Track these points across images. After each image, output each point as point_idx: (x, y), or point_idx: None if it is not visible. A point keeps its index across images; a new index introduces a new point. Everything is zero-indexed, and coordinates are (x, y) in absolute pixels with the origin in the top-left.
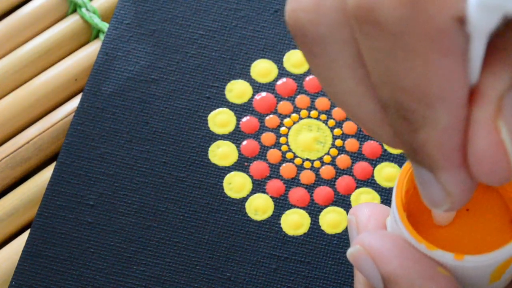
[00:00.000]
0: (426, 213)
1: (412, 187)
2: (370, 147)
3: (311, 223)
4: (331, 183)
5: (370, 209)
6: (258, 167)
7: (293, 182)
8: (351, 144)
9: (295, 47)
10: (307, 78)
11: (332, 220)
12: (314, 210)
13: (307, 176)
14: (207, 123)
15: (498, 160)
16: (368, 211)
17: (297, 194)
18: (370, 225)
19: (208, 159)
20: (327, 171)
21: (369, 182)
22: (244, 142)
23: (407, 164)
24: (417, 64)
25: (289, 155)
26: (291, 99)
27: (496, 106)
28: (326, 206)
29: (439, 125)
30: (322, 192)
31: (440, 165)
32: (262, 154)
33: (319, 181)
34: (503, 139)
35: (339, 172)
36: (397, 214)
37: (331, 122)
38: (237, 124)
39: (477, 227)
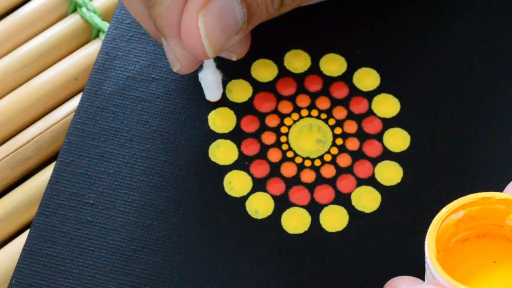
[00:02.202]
0: (457, 271)
1: (441, 249)
2: (371, 145)
3: (311, 222)
4: (331, 181)
5: (406, 281)
6: (259, 166)
7: (293, 180)
8: (352, 142)
9: (295, 47)
10: (308, 77)
11: (332, 218)
12: (314, 208)
13: (307, 175)
14: (207, 122)
15: (194, 39)
16: (405, 283)
17: (297, 192)
18: None
19: (208, 158)
20: (327, 170)
21: (370, 180)
22: (245, 141)
23: (433, 223)
24: None
25: (289, 154)
26: (292, 98)
27: (201, 3)
28: (326, 205)
29: (164, 4)
30: (323, 191)
31: (166, 34)
32: (262, 153)
33: (320, 179)
34: (199, 26)
35: (340, 170)
36: (432, 265)
37: (332, 121)
38: (238, 123)
39: (505, 278)
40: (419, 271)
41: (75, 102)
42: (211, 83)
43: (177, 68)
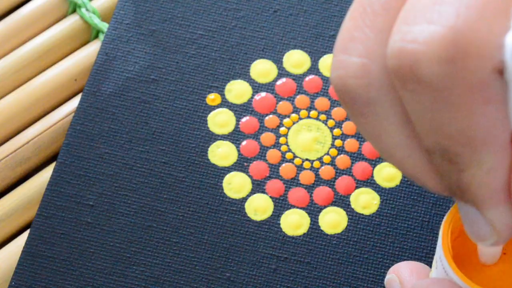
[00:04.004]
0: (469, 258)
1: (454, 236)
2: (370, 147)
3: (310, 223)
4: (330, 183)
5: (410, 266)
6: (258, 167)
7: (292, 182)
8: (351, 144)
9: (294, 47)
10: (307, 78)
11: (331, 220)
12: (313, 210)
13: (306, 176)
14: (206, 123)
15: None
16: (409, 268)
17: (296, 194)
18: (414, 280)
19: (208, 159)
20: (326, 171)
21: (369, 182)
22: (244, 142)
23: (449, 215)
24: (461, 114)
25: (288, 155)
26: (291, 99)
27: None
28: (325, 207)
29: (484, 166)
30: (322, 192)
31: (486, 203)
32: (261, 154)
33: (319, 181)
34: None
35: (339, 172)
36: (447, 263)
37: (331, 123)
38: (237, 124)
39: None
40: None
41: (74, 103)
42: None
43: (491, 241)
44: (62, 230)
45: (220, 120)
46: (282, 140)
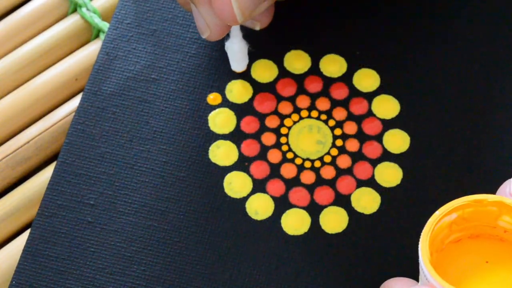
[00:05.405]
0: (450, 271)
1: (434, 250)
2: (371, 147)
3: (311, 223)
4: (331, 183)
5: (400, 282)
6: (259, 167)
7: (293, 182)
8: (352, 144)
9: (295, 47)
10: (308, 78)
11: (332, 219)
12: (314, 209)
13: (307, 176)
14: (207, 123)
15: (224, 5)
16: (399, 284)
17: (297, 194)
18: None
19: (209, 159)
20: (327, 171)
21: (370, 182)
22: (245, 142)
23: (424, 233)
24: None
25: (289, 155)
26: (292, 99)
27: None
28: (326, 206)
29: None
30: (323, 192)
31: (196, 2)
32: (262, 154)
33: (320, 181)
34: None
35: (340, 172)
36: (425, 268)
37: (331, 122)
38: (238, 124)
39: (497, 278)
40: (418, 272)
41: (75, 102)
42: (237, 52)
43: (206, 34)
44: (63, 229)
45: (220, 120)
46: (282, 139)
